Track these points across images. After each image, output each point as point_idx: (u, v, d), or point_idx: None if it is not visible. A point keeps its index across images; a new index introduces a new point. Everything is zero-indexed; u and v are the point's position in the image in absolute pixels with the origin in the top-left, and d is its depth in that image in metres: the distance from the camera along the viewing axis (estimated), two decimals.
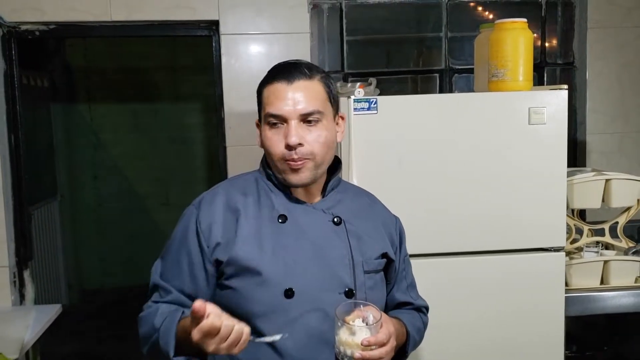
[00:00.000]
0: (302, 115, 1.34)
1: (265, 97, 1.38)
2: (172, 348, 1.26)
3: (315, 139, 1.35)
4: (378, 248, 1.45)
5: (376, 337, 1.24)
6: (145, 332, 1.35)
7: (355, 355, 1.23)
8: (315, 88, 1.37)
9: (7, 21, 2.77)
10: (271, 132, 1.36)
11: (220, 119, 2.93)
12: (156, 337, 1.30)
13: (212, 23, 2.89)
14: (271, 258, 1.34)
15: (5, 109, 2.86)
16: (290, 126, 1.33)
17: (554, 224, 2.19)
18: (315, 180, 1.40)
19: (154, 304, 1.38)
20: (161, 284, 1.39)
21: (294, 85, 1.35)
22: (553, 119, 2.15)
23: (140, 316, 1.39)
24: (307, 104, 1.34)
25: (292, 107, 1.34)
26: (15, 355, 2.26)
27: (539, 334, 2.21)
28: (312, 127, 1.35)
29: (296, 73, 1.36)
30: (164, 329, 1.29)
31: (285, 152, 1.34)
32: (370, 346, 1.23)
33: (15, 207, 2.90)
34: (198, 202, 1.43)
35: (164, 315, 1.32)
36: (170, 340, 1.26)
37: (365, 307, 1.29)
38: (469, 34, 2.67)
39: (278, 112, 1.34)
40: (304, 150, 1.34)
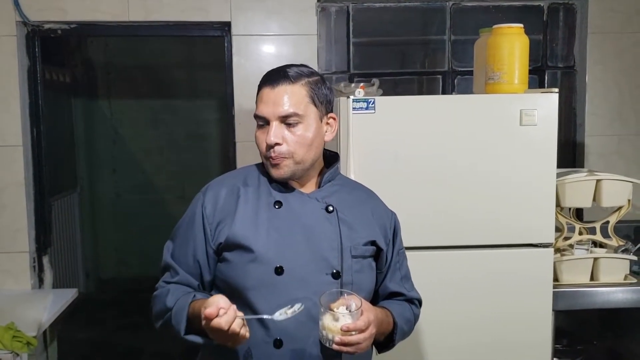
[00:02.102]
0: (281, 117, 1.48)
1: (257, 99, 1.53)
2: (184, 327, 1.40)
3: (293, 139, 1.48)
4: (367, 235, 1.55)
5: (355, 324, 1.35)
6: (158, 310, 1.50)
7: (335, 339, 1.34)
8: (297, 92, 1.48)
9: (32, 20, 2.93)
10: (259, 132, 1.52)
11: (230, 116, 3.06)
12: (169, 316, 1.44)
13: (225, 24, 3.02)
14: (265, 238, 1.47)
15: (28, 103, 3.02)
16: (271, 127, 1.48)
17: (543, 221, 2.28)
18: (296, 175, 1.53)
19: (166, 284, 1.52)
20: (172, 264, 1.54)
21: (276, 89, 1.48)
22: (544, 121, 2.24)
23: (154, 295, 1.54)
24: (286, 106, 1.47)
25: (272, 109, 1.47)
26: (33, 333, 2.41)
27: (528, 327, 2.30)
28: (292, 128, 1.49)
29: (280, 78, 1.49)
30: (176, 309, 1.43)
31: (266, 150, 1.50)
32: (350, 332, 1.34)
33: (36, 196, 3.06)
34: (205, 189, 1.58)
35: (176, 297, 1.46)
36: (182, 321, 1.40)
37: (349, 296, 1.40)
38: (471, 38, 2.76)
39: (261, 113, 1.50)
40: (282, 149, 1.48)
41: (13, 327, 2.38)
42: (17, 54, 2.94)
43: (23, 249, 2.98)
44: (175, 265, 1.53)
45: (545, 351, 2.32)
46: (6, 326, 2.36)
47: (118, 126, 5.73)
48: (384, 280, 1.64)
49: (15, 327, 2.38)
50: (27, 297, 2.87)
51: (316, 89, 1.52)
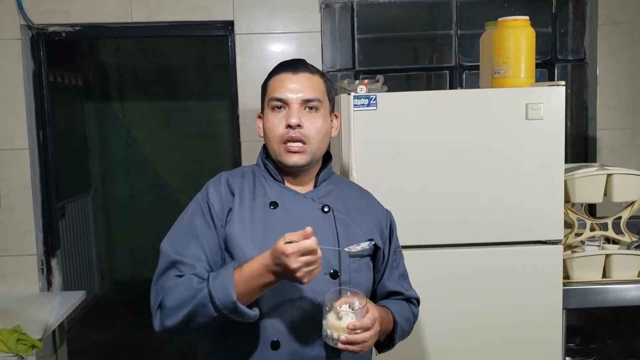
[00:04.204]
0: (304, 101, 1.48)
1: (270, 85, 1.52)
2: (234, 291, 1.28)
3: (313, 124, 1.48)
4: (364, 234, 1.53)
5: (361, 322, 1.33)
6: (180, 298, 1.34)
7: (341, 338, 1.31)
8: (317, 80, 1.52)
9: (36, 23, 2.94)
10: (273, 115, 1.49)
11: (235, 116, 3.05)
12: (205, 293, 1.30)
13: (228, 23, 3.01)
14: (260, 239, 1.44)
15: (34, 107, 3.03)
16: (292, 109, 1.47)
17: (551, 217, 2.23)
18: (308, 165, 1.51)
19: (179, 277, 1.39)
20: (182, 260, 1.41)
21: (298, 75, 1.50)
22: (550, 115, 2.19)
23: (169, 286, 1.37)
24: (309, 91, 1.49)
25: (295, 92, 1.48)
26: (38, 335, 2.41)
27: (538, 326, 2.25)
28: (312, 114, 1.49)
29: (300, 66, 1.52)
30: (217, 282, 1.31)
31: (284, 131, 1.46)
32: (355, 330, 1.32)
33: (43, 199, 3.08)
34: (205, 188, 1.54)
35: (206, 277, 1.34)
36: (230, 288, 1.29)
37: (352, 294, 1.38)
38: (478, 32, 2.71)
39: (281, 95, 1.48)
40: (303, 132, 1.47)
41: (18, 329, 2.38)
42: (22, 57, 2.95)
43: (31, 251, 3.00)
44: (186, 259, 1.41)
45: (556, 350, 2.27)
46: (11, 329, 2.37)
47: (131, 128, 5.76)
48: (382, 279, 1.62)
49: (20, 329, 2.38)
50: (35, 300, 2.88)
51: (329, 84, 1.56)
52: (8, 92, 2.95)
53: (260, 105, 1.59)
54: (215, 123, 5.75)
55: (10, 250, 2.98)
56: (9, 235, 2.98)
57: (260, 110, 1.58)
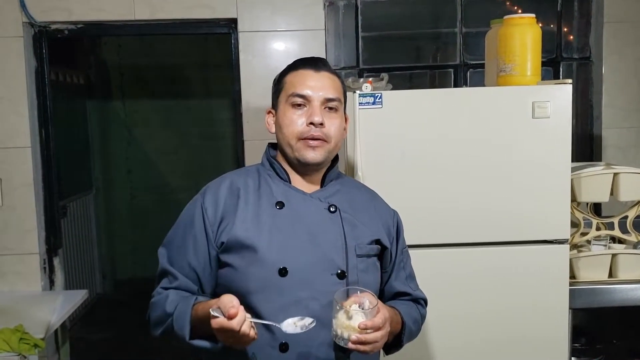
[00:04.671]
0: (326, 100, 1.47)
1: (289, 81, 1.50)
2: (188, 332, 1.35)
3: (332, 124, 1.48)
4: (371, 234, 1.52)
5: (373, 321, 1.31)
6: (157, 316, 1.44)
7: (352, 337, 1.30)
8: (336, 81, 1.53)
9: (38, 21, 2.92)
10: (292, 111, 1.48)
11: (239, 114, 3.03)
12: (170, 322, 1.39)
13: (231, 21, 2.99)
14: (267, 239, 1.43)
15: (36, 105, 3.02)
16: (314, 106, 1.46)
17: (558, 216, 2.21)
18: (323, 164, 1.51)
19: (164, 290, 1.47)
20: (169, 270, 1.48)
21: (320, 73, 1.50)
22: (557, 113, 2.17)
23: (152, 302, 1.48)
24: (331, 90, 1.49)
25: (317, 90, 1.47)
26: (41, 335, 2.39)
27: (544, 326, 2.24)
28: (332, 113, 1.49)
29: (322, 64, 1.52)
30: (178, 314, 1.38)
31: (306, 129, 1.46)
32: (367, 330, 1.30)
33: (46, 197, 3.06)
34: (203, 191, 1.53)
35: (176, 302, 1.40)
36: (185, 325, 1.35)
37: (362, 294, 1.36)
38: (483, 30, 2.70)
39: (303, 92, 1.47)
40: (324, 130, 1.46)
41: (21, 329, 2.36)
42: (25, 55, 2.93)
43: (33, 250, 2.98)
44: (174, 270, 1.47)
45: (562, 350, 2.26)
46: (14, 328, 2.35)
47: (132, 127, 5.75)
48: (389, 280, 1.61)
49: (23, 329, 2.37)
50: (37, 299, 2.86)
51: (344, 85, 1.56)
52: (10, 90, 2.93)
53: (270, 101, 1.57)
54: (217, 122, 5.74)
55: (13, 249, 2.97)
56: (11, 234, 2.96)
57: (272, 106, 1.56)
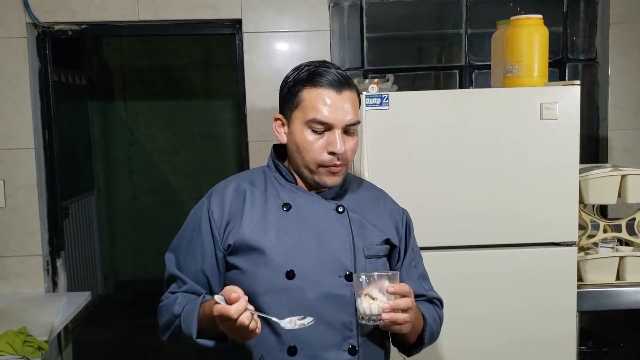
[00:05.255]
0: (347, 126, 1.42)
1: (307, 99, 1.41)
2: (195, 330, 1.33)
3: (351, 148, 1.45)
4: (380, 234, 1.50)
5: (401, 286, 1.30)
6: (166, 320, 1.43)
7: (384, 306, 1.27)
8: (355, 98, 1.45)
9: (42, 22, 2.91)
10: (313, 137, 1.42)
11: (243, 115, 3.01)
12: (178, 323, 1.37)
13: (235, 22, 2.98)
14: (274, 241, 1.41)
15: (39, 105, 3.00)
16: (336, 135, 1.41)
17: (565, 218, 2.20)
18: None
19: (172, 294, 1.46)
20: (178, 275, 1.46)
21: (342, 95, 1.41)
22: (565, 115, 2.16)
23: (160, 306, 1.46)
24: (352, 115, 1.42)
25: (341, 117, 1.40)
26: (45, 337, 2.38)
27: (551, 328, 2.22)
28: (350, 137, 1.45)
29: (344, 83, 1.42)
30: (185, 313, 1.36)
31: (327, 158, 1.41)
32: (395, 294, 1.28)
33: (49, 199, 3.04)
34: (209, 194, 1.51)
35: (183, 304, 1.39)
36: (193, 323, 1.33)
37: (379, 277, 1.33)
38: (489, 31, 2.69)
39: (326, 119, 1.40)
40: (343, 156, 1.43)
41: (25, 331, 2.35)
42: (28, 55, 2.92)
43: (36, 252, 2.97)
44: (182, 275, 1.46)
45: (570, 353, 2.24)
46: (17, 330, 2.33)
47: (134, 128, 5.74)
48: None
49: (26, 331, 2.35)
50: (40, 301, 2.85)
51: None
52: (13, 91, 2.91)
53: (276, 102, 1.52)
54: (219, 123, 5.73)
55: (15, 251, 2.95)
56: (14, 235, 2.95)
57: (281, 111, 1.49)
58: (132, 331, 4.72)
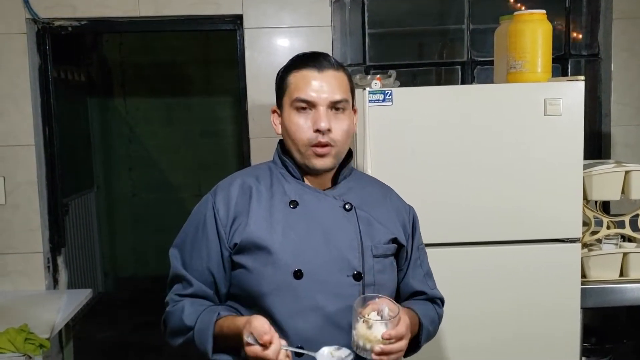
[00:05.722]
0: (331, 103, 1.41)
1: (293, 82, 1.43)
2: (210, 347, 1.32)
3: (340, 127, 1.42)
4: (388, 233, 1.48)
5: (397, 330, 1.26)
6: (176, 328, 1.41)
7: (376, 349, 1.24)
8: (342, 78, 1.45)
9: (42, 17, 2.89)
10: (298, 117, 1.42)
11: (244, 112, 3.00)
12: (191, 336, 1.36)
13: (237, 17, 2.96)
14: (281, 240, 1.39)
15: (39, 102, 2.98)
16: (320, 112, 1.40)
17: (570, 215, 2.19)
18: (335, 167, 1.47)
19: (178, 297, 1.44)
20: (184, 275, 1.44)
21: (324, 73, 1.41)
22: (569, 110, 2.15)
23: (168, 311, 1.44)
24: (336, 92, 1.41)
25: (323, 94, 1.40)
26: (46, 335, 2.37)
27: (555, 325, 2.22)
28: (339, 115, 1.43)
29: (325, 62, 1.43)
30: (199, 328, 1.35)
31: (313, 136, 1.40)
32: (390, 339, 1.25)
33: (49, 196, 3.02)
34: (214, 190, 1.49)
35: (195, 314, 1.37)
36: (208, 342, 1.32)
37: (380, 300, 1.31)
38: (491, 26, 2.68)
39: (308, 97, 1.40)
40: (331, 136, 1.40)
41: (26, 329, 2.33)
42: (28, 52, 2.89)
43: (37, 249, 2.95)
44: (188, 275, 1.44)
45: (574, 350, 2.24)
46: (19, 328, 2.32)
47: (133, 124, 5.73)
48: (405, 277, 1.56)
49: (28, 329, 2.34)
50: (41, 298, 2.84)
51: (350, 78, 1.49)
52: (13, 88, 2.89)
53: (274, 99, 1.52)
54: (219, 120, 5.72)
55: (16, 248, 2.94)
56: (15, 232, 2.93)
57: (277, 104, 1.50)
58: (133, 328, 4.72)
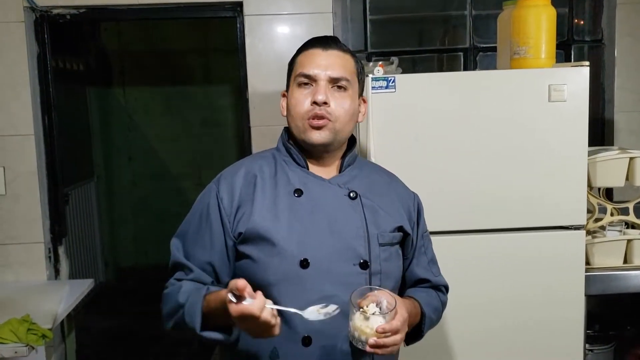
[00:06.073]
0: (332, 79, 1.42)
1: (299, 61, 1.46)
2: (199, 323, 1.30)
3: (340, 104, 1.42)
4: (393, 221, 1.47)
5: (391, 324, 1.25)
6: (170, 308, 1.39)
7: (370, 341, 1.24)
8: (347, 59, 1.46)
9: (40, 6, 2.86)
10: (299, 91, 1.43)
11: (244, 100, 2.97)
12: (182, 313, 1.34)
13: (237, 4, 2.93)
14: (286, 230, 1.37)
15: (38, 91, 2.96)
16: (320, 85, 1.41)
17: (574, 202, 2.18)
18: (332, 145, 1.45)
19: (177, 281, 1.42)
20: (185, 263, 1.43)
21: (329, 52, 1.44)
22: (574, 96, 2.13)
23: (165, 293, 1.43)
24: (338, 69, 1.43)
25: (323, 69, 1.42)
26: (48, 325, 2.36)
27: (559, 312, 2.21)
28: (340, 93, 1.43)
29: (332, 42, 1.47)
30: (189, 305, 1.33)
31: (310, 108, 1.41)
32: (385, 333, 1.25)
33: (50, 185, 3.01)
34: (217, 179, 1.48)
35: (188, 293, 1.35)
36: (197, 316, 1.30)
37: (379, 292, 1.31)
38: (494, 12, 2.65)
39: (309, 71, 1.42)
40: (329, 109, 1.41)
41: (28, 319, 2.33)
42: (26, 40, 2.87)
43: (38, 239, 2.94)
44: (189, 263, 1.42)
45: (578, 337, 2.23)
46: (21, 318, 2.31)
47: (133, 114, 5.70)
48: (410, 266, 1.56)
49: (30, 319, 2.33)
50: (43, 288, 2.83)
51: (360, 65, 1.50)
52: (12, 77, 2.87)
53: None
54: (218, 108, 5.69)
55: (17, 239, 2.92)
56: (15, 223, 2.92)
57: (286, 88, 1.51)
58: (134, 318, 4.71)
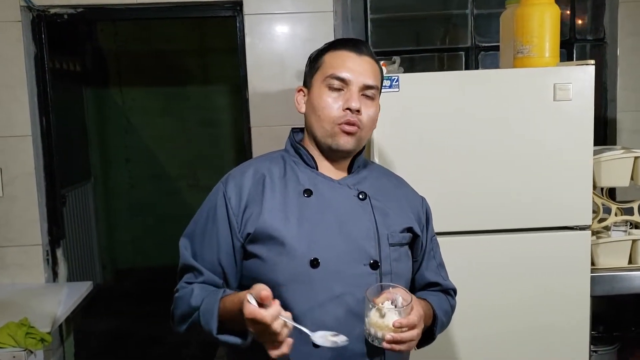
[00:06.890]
0: (364, 86, 1.41)
1: (328, 61, 1.43)
2: (215, 326, 1.28)
3: (369, 114, 1.42)
4: (403, 222, 1.46)
5: (408, 319, 1.25)
6: (183, 312, 1.37)
7: (387, 337, 1.24)
8: (376, 67, 1.46)
9: (37, 5, 2.83)
10: (328, 94, 1.41)
11: (244, 100, 2.95)
12: (197, 316, 1.32)
13: (236, 3, 2.90)
14: (296, 230, 1.36)
15: (36, 92, 2.92)
16: (352, 91, 1.40)
17: (579, 202, 2.16)
18: (355, 151, 1.46)
19: (188, 284, 1.40)
20: (194, 265, 1.41)
21: (362, 58, 1.43)
22: (579, 95, 2.11)
23: (176, 297, 1.41)
24: (371, 77, 1.42)
25: (357, 75, 1.40)
26: (47, 329, 2.33)
27: (565, 313, 2.19)
28: (368, 101, 1.42)
29: (364, 48, 1.45)
30: (204, 307, 1.31)
31: (342, 114, 1.39)
32: (401, 328, 1.24)
33: (47, 187, 2.97)
34: (225, 179, 1.46)
35: (202, 296, 1.34)
36: (213, 319, 1.28)
37: (394, 289, 1.30)
38: (495, 11, 2.63)
39: (343, 75, 1.40)
40: (360, 117, 1.40)
41: (27, 323, 2.30)
42: (23, 40, 2.83)
43: (35, 241, 2.90)
44: (198, 265, 1.40)
45: (583, 338, 2.22)
46: (19, 322, 2.28)
47: (130, 114, 5.67)
48: (420, 269, 1.55)
49: (28, 323, 2.30)
50: (41, 291, 2.80)
51: (382, 73, 1.50)
52: (9, 77, 2.83)
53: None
54: (216, 109, 5.67)
55: (14, 241, 2.89)
56: (13, 225, 2.88)
57: (304, 84, 1.49)
58: (132, 320, 4.69)
